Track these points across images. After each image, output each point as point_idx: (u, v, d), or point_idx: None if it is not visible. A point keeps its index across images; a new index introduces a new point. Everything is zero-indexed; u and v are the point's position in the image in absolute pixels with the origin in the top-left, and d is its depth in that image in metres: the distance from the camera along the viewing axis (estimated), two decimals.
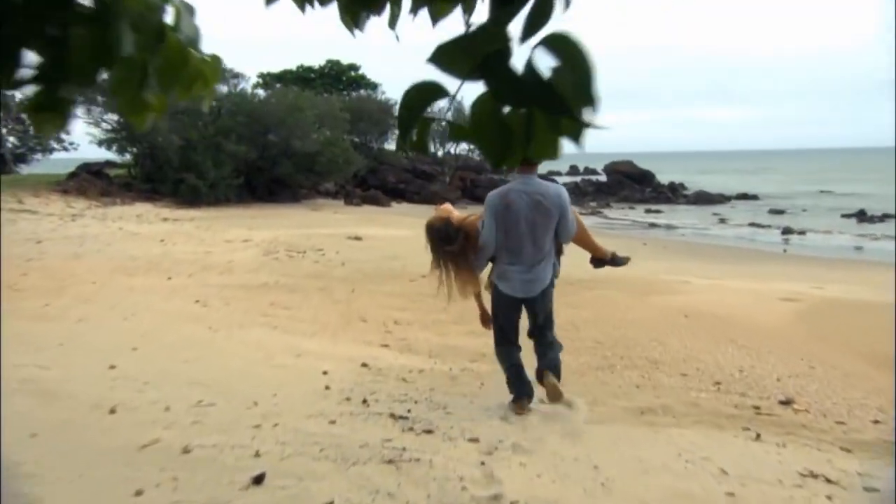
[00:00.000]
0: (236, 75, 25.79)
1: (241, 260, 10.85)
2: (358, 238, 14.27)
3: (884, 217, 32.27)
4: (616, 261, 4.72)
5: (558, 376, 4.28)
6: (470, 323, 6.81)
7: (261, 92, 28.51)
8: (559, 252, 4.49)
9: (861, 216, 32.61)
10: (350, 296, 8.08)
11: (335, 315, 7.01)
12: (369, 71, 42.83)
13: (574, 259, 4.76)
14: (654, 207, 38.38)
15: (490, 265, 4.50)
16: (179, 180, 22.37)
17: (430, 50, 1.01)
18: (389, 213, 25.84)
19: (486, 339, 5.62)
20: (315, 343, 5.82)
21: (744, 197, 45.36)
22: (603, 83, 0.98)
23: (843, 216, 33.18)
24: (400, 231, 16.84)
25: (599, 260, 4.72)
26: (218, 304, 7.16)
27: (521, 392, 4.31)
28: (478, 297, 4.58)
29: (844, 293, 8.50)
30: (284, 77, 37.93)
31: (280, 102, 25.32)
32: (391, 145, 39.21)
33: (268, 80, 36.60)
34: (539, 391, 4.40)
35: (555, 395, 4.22)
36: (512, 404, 4.31)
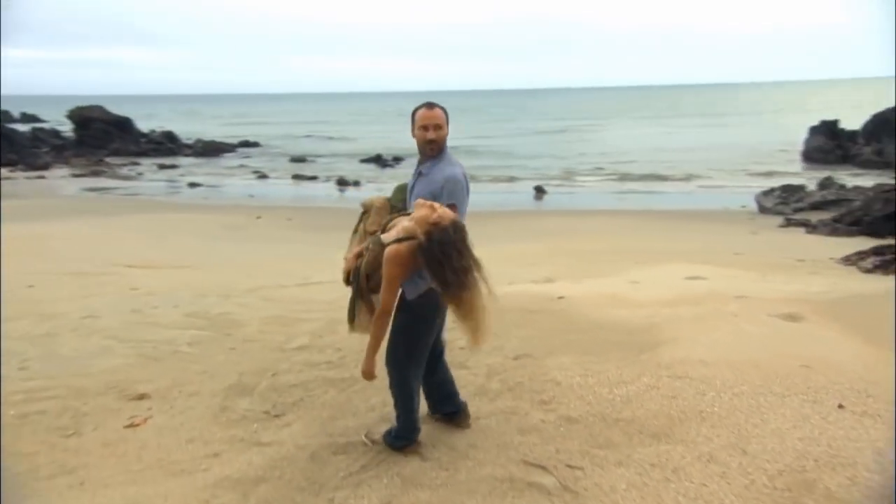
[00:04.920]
0: None
1: None
2: None
3: (395, 160, 33.85)
4: None
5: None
6: None
7: None
8: None
9: (378, 160, 33.51)
10: None
11: None
12: None
13: None
14: (166, 162, 32.49)
15: None
16: None
17: None
18: None
19: None
20: None
21: (247, 144, 42.59)
22: None
23: (362, 161, 33.60)
24: None
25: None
26: None
27: (417, 431, 3.39)
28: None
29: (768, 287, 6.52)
30: None
31: None
32: None
33: None
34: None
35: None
36: (406, 447, 3.35)
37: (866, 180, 21.14)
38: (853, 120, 29.53)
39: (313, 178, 26.91)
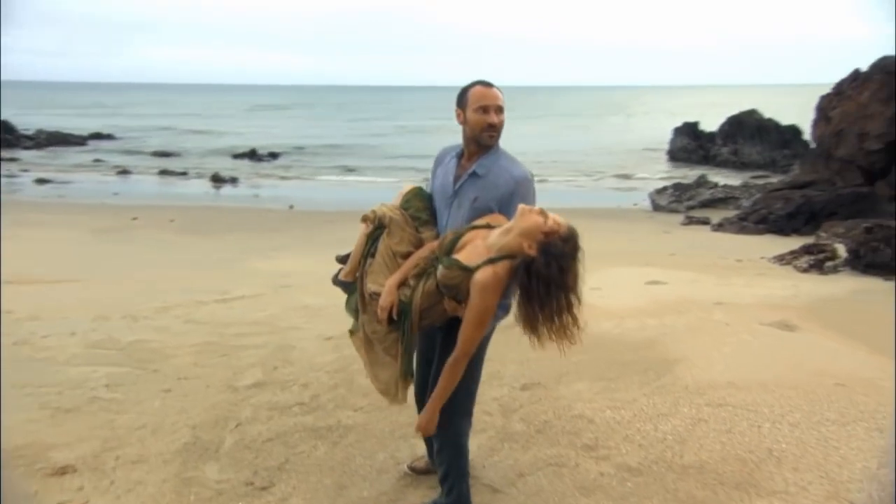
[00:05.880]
0: None
1: None
2: None
3: (272, 156, 32.20)
4: None
5: None
6: None
7: None
8: None
9: (253, 156, 31.63)
10: None
11: None
12: None
13: None
14: (4, 155, 28.71)
15: None
16: None
17: None
18: None
19: None
20: None
21: (99, 137, 38.82)
22: None
23: (236, 157, 31.54)
24: None
25: None
26: None
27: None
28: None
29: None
30: None
31: None
32: None
33: None
34: None
35: None
36: None
37: (728, 179, 22.47)
38: (710, 121, 31.37)
39: (183, 174, 24.81)
